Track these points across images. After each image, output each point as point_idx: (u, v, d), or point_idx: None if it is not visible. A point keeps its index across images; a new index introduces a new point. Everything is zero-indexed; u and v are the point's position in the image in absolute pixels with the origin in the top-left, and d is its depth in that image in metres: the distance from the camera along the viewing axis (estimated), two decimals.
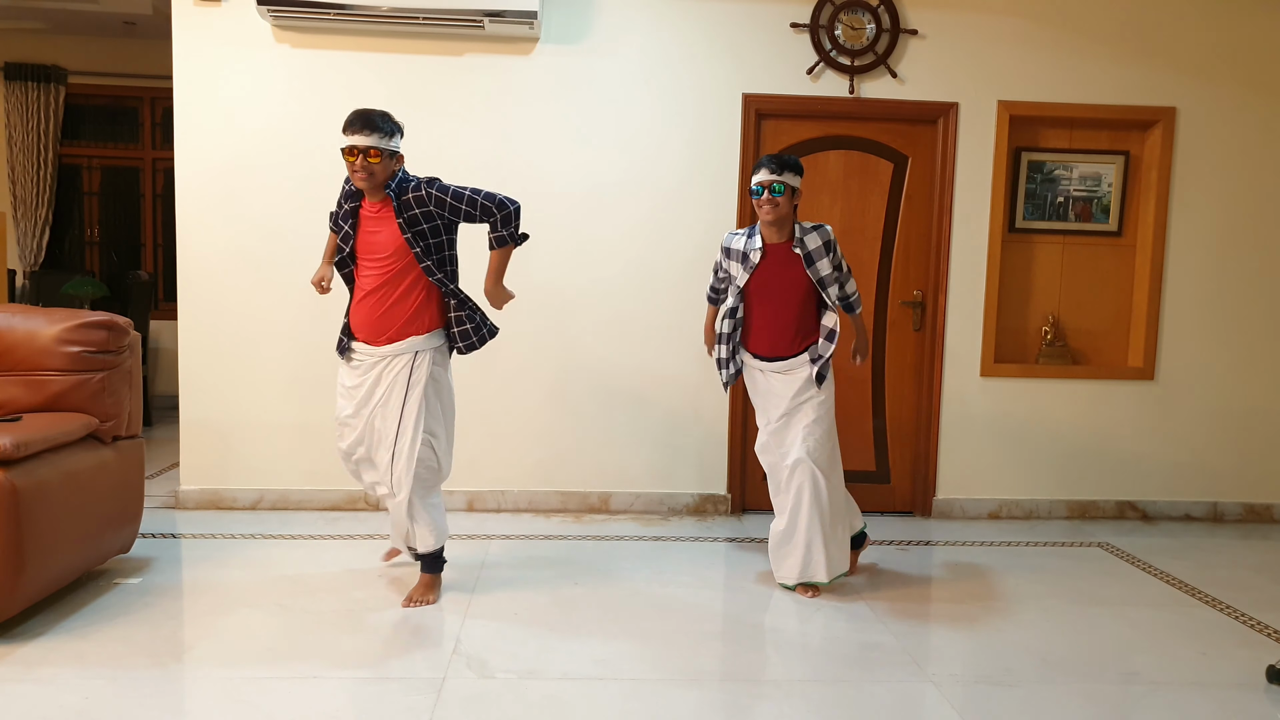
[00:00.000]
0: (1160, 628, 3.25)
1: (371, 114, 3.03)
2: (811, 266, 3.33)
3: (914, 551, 4.12)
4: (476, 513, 4.47)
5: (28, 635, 2.89)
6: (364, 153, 2.99)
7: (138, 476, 3.52)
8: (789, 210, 3.30)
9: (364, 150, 2.98)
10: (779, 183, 3.23)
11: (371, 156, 2.99)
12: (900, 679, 2.78)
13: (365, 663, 2.78)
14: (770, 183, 3.24)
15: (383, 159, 3.01)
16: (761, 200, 3.27)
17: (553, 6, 4.34)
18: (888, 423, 4.69)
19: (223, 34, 4.25)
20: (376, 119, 3.01)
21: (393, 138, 3.04)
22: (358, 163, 3.00)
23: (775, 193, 3.24)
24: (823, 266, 3.32)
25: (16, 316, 3.29)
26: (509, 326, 4.45)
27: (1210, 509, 4.75)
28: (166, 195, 6.92)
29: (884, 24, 4.43)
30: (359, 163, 3.00)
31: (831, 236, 3.36)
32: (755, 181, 3.28)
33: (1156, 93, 4.55)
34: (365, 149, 2.98)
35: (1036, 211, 4.70)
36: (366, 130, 2.98)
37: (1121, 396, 4.67)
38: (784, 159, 3.28)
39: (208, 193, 4.32)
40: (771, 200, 3.26)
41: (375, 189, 3.07)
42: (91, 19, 6.32)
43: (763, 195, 3.26)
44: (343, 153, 3.02)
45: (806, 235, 3.33)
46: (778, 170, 3.25)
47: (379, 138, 2.99)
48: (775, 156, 3.29)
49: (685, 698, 2.62)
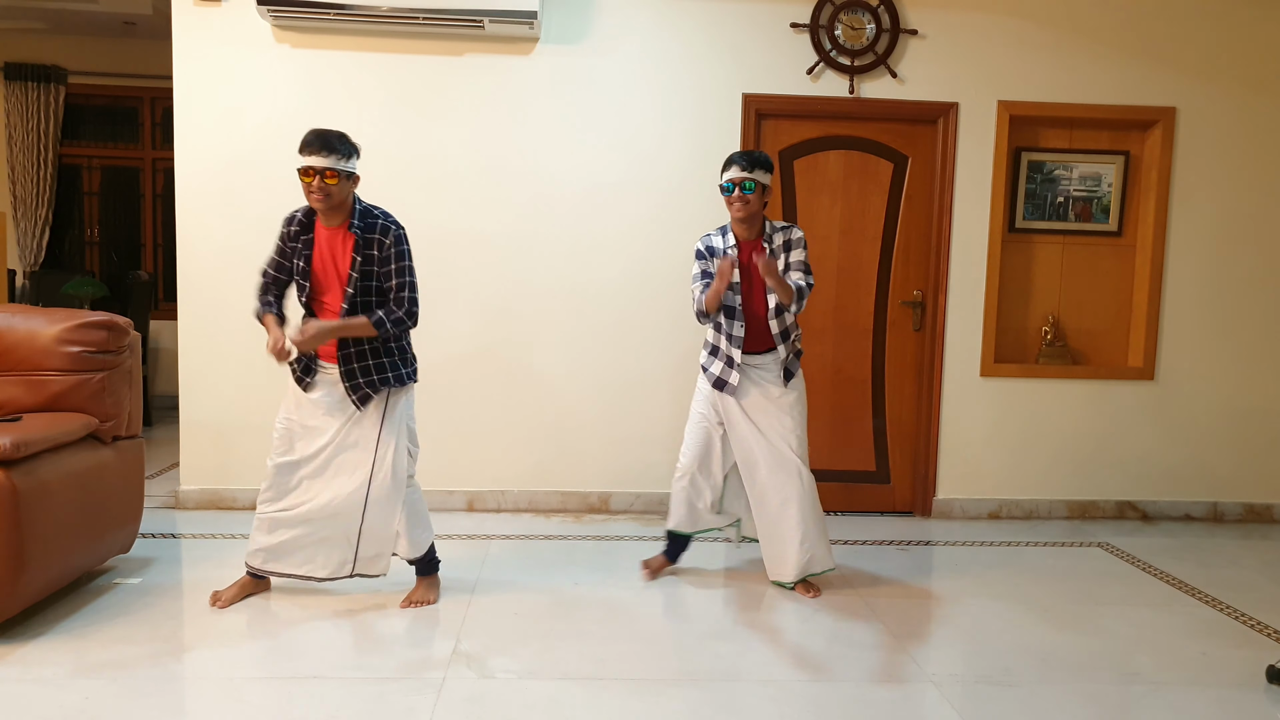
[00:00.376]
0: (1160, 628, 3.25)
1: (329, 135, 2.98)
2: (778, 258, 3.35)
3: (914, 551, 4.12)
4: (476, 513, 4.47)
5: (28, 635, 2.89)
6: (320, 174, 2.94)
7: (138, 476, 3.52)
8: (759, 207, 3.30)
9: (320, 171, 2.94)
10: (750, 180, 3.23)
11: (329, 178, 2.95)
12: (900, 679, 2.78)
13: (365, 663, 2.78)
14: (741, 180, 3.24)
15: (340, 180, 2.97)
16: (733, 197, 3.27)
17: (553, 6, 4.34)
18: (888, 423, 4.69)
19: (223, 34, 4.25)
20: (334, 140, 2.97)
21: (350, 159, 3.00)
22: (314, 183, 2.95)
23: (746, 190, 3.24)
24: (781, 262, 3.34)
25: (16, 316, 3.29)
26: (511, 325, 4.46)
27: (1210, 509, 4.75)
28: (166, 195, 6.92)
29: (884, 24, 4.43)
30: (315, 183, 2.95)
31: (799, 236, 3.37)
32: (726, 179, 3.28)
33: (1156, 93, 4.55)
34: (322, 170, 2.94)
35: (1036, 211, 4.70)
36: (324, 151, 2.94)
37: (1121, 396, 4.67)
38: (755, 156, 3.27)
39: (208, 192, 4.32)
40: (743, 197, 3.25)
41: (332, 211, 3.02)
42: (91, 19, 6.32)
43: (734, 192, 3.26)
44: (299, 173, 2.97)
45: (775, 233, 3.37)
46: (749, 167, 3.24)
47: (336, 159, 2.95)
48: (746, 153, 3.28)
49: (685, 698, 2.62)
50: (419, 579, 3.32)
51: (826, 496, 4.69)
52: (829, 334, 4.62)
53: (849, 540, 4.24)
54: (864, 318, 4.64)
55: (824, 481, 4.67)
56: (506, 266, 4.42)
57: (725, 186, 3.28)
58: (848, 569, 3.81)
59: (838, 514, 4.68)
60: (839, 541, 4.20)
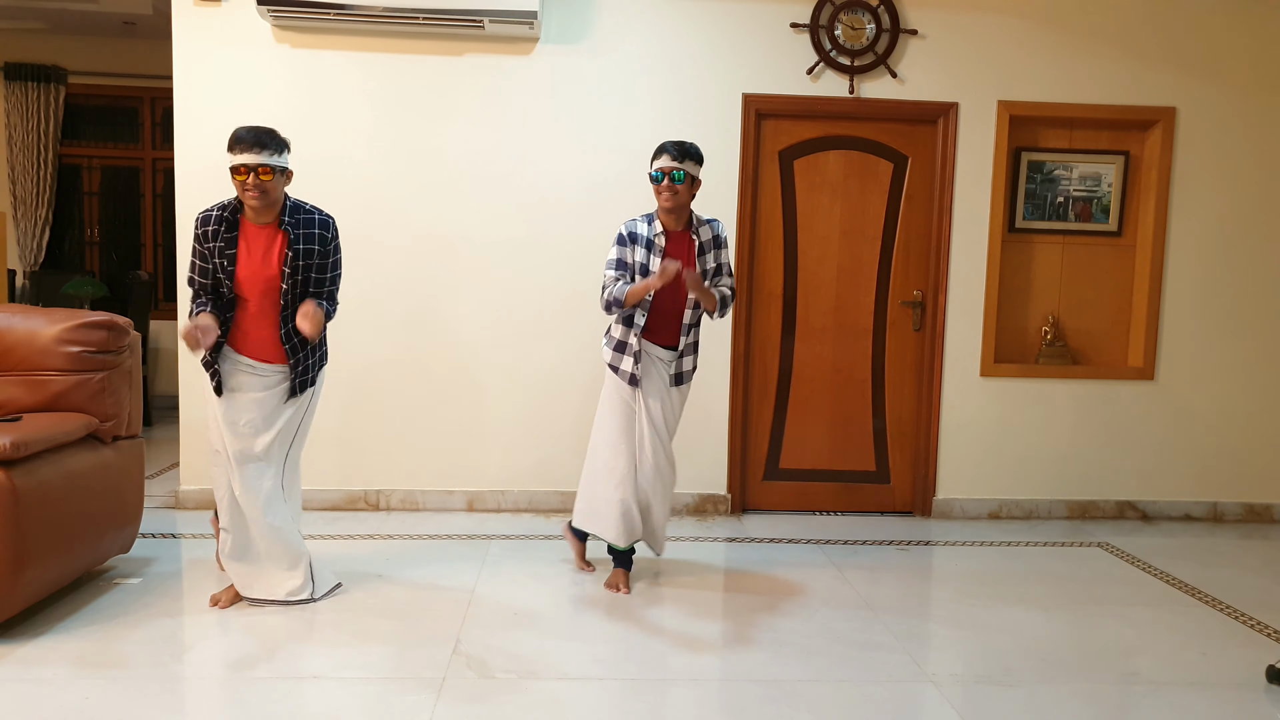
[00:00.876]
0: (1160, 628, 3.25)
1: (259, 131, 2.97)
2: (702, 256, 3.35)
3: (914, 551, 4.12)
4: (476, 513, 4.47)
5: (28, 635, 2.89)
6: (254, 170, 2.93)
7: (138, 476, 3.52)
8: (688, 198, 3.29)
9: (254, 168, 2.92)
10: (679, 169, 3.21)
11: (263, 174, 2.93)
12: (900, 679, 2.78)
13: (365, 663, 2.78)
14: (671, 169, 3.21)
15: (275, 176, 2.97)
16: (661, 186, 3.24)
17: (553, 6, 4.34)
18: (888, 423, 4.69)
19: (223, 34, 4.25)
20: (264, 136, 2.96)
21: (282, 154, 3.00)
22: (249, 181, 2.93)
23: (676, 180, 3.22)
24: (710, 259, 3.36)
25: (16, 316, 3.29)
26: (510, 325, 4.46)
27: (1210, 509, 4.75)
28: (166, 195, 6.92)
29: (884, 24, 4.43)
30: (250, 181, 2.93)
31: (723, 232, 3.40)
32: (656, 168, 3.25)
33: (1156, 93, 4.55)
34: (255, 167, 2.92)
35: (1036, 211, 4.70)
36: (256, 148, 2.92)
37: (1121, 396, 4.67)
38: (685, 146, 3.25)
39: (208, 193, 4.31)
40: (672, 187, 3.23)
41: (266, 208, 3.01)
42: (91, 19, 6.32)
43: (663, 181, 3.23)
44: (231, 172, 2.95)
45: (702, 226, 3.37)
46: (679, 157, 3.22)
47: (269, 154, 2.94)
48: (677, 143, 3.26)
49: (685, 697, 2.62)
50: None
51: (827, 496, 4.71)
52: (829, 334, 4.62)
53: (849, 540, 4.23)
54: (864, 318, 4.64)
55: (824, 481, 4.70)
56: (506, 266, 4.42)
57: (654, 175, 3.25)
58: (848, 569, 3.81)
59: (838, 514, 4.68)
60: (839, 541, 4.20)
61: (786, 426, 4.66)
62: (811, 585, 3.59)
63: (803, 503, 4.70)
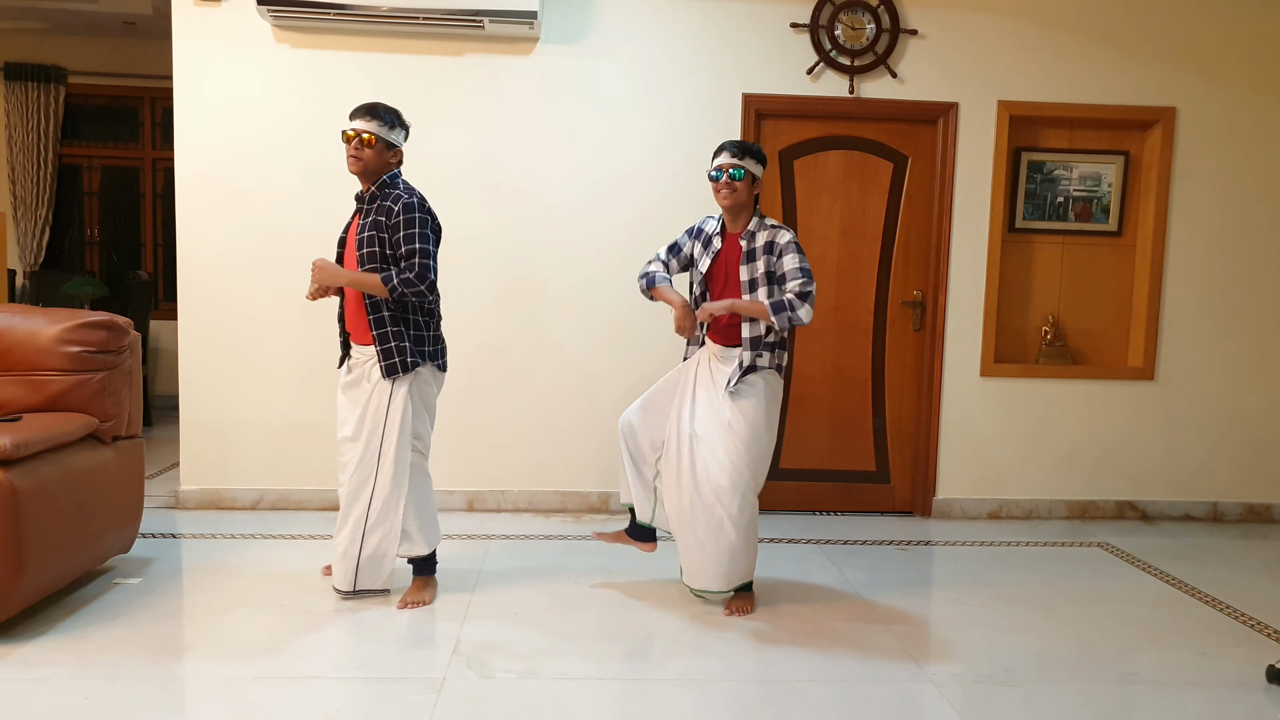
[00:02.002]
0: (1160, 628, 3.25)
1: (377, 105, 3.10)
2: (749, 264, 3.19)
3: (914, 551, 4.12)
4: (476, 513, 4.47)
5: (28, 635, 2.89)
6: (359, 136, 3.04)
7: (138, 476, 3.52)
8: (748, 197, 3.19)
9: (359, 134, 3.04)
10: (739, 167, 3.14)
11: (367, 141, 3.04)
12: (900, 679, 2.78)
13: (365, 663, 2.78)
14: (729, 166, 3.15)
15: (377, 147, 3.06)
16: (720, 184, 3.17)
17: (553, 6, 4.34)
18: (888, 423, 4.69)
19: (223, 34, 4.25)
20: (380, 109, 3.09)
21: (393, 130, 3.10)
22: (351, 146, 3.05)
23: (735, 177, 3.14)
24: (761, 265, 3.17)
25: (16, 316, 3.29)
26: (511, 326, 4.46)
27: (1210, 509, 4.75)
28: (166, 195, 6.92)
29: (884, 24, 4.43)
30: (352, 146, 3.05)
31: (788, 240, 3.17)
32: (715, 165, 3.19)
33: (1156, 93, 4.55)
34: (360, 132, 3.03)
35: (1036, 211, 4.70)
36: (367, 117, 3.06)
37: (1121, 396, 4.67)
38: (747, 145, 3.19)
39: (208, 193, 4.32)
40: (730, 184, 3.15)
41: (366, 176, 3.12)
42: (91, 19, 6.31)
43: (721, 179, 3.17)
44: (343, 137, 3.07)
45: (761, 230, 3.21)
46: (739, 155, 3.16)
47: (378, 124, 3.06)
48: (738, 142, 3.20)
49: (685, 697, 2.62)
50: (416, 578, 3.33)
51: (827, 496, 4.71)
52: (829, 334, 4.62)
53: (849, 540, 4.23)
54: (864, 318, 4.64)
55: (824, 481, 4.70)
56: (505, 267, 4.42)
57: (713, 174, 3.20)
58: (848, 569, 3.81)
59: (838, 514, 4.68)
60: (839, 541, 4.20)
61: (786, 426, 4.65)
62: (811, 585, 3.59)
63: (803, 503, 4.70)
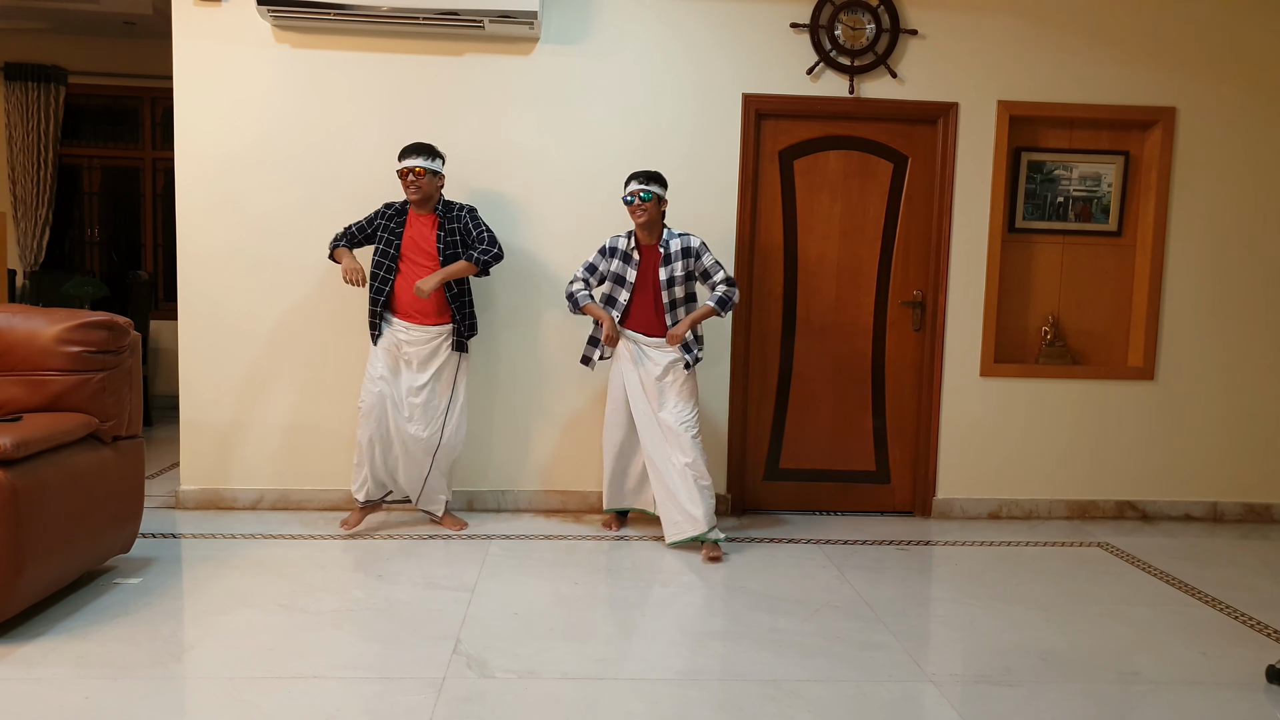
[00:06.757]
0: (1160, 628, 3.26)
1: (422, 144, 3.93)
2: (668, 265, 3.92)
3: (914, 551, 4.13)
4: (476, 513, 4.47)
5: (28, 635, 2.89)
6: (412, 170, 3.87)
7: (138, 476, 3.52)
8: (657, 214, 3.91)
9: (413, 169, 3.87)
10: (646, 190, 3.84)
11: (419, 174, 3.88)
12: (900, 679, 2.78)
13: (365, 663, 2.78)
14: (639, 190, 3.84)
15: (428, 176, 3.90)
16: (634, 207, 3.86)
17: (553, 7, 4.34)
18: (887, 423, 4.69)
19: (223, 34, 4.25)
20: (427, 147, 3.92)
21: (435, 160, 3.92)
22: (409, 179, 3.88)
23: (644, 199, 3.85)
24: (679, 266, 3.91)
25: (16, 316, 3.29)
26: (512, 326, 4.46)
27: (1210, 509, 4.75)
28: (166, 195, 6.92)
29: (884, 24, 4.43)
30: (410, 179, 3.88)
31: (695, 243, 3.94)
32: (628, 192, 3.87)
33: (1156, 93, 4.55)
34: (414, 168, 3.87)
35: (1036, 211, 4.70)
36: (419, 155, 3.88)
37: (1121, 396, 4.67)
38: (651, 173, 3.89)
39: (208, 193, 4.32)
40: (643, 205, 3.85)
41: (424, 202, 3.94)
42: (91, 19, 6.31)
43: (634, 202, 3.86)
44: (400, 174, 3.89)
45: (672, 239, 3.94)
46: (646, 181, 3.86)
47: (426, 159, 3.89)
48: (644, 171, 3.90)
49: (685, 697, 2.62)
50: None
51: (827, 496, 4.71)
52: (829, 334, 4.62)
53: (849, 540, 4.24)
54: (864, 317, 4.64)
55: (824, 481, 4.70)
56: (505, 266, 4.42)
57: (627, 199, 3.88)
58: (848, 569, 3.81)
59: (838, 514, 4.68)
60: (839, 541, 4.21)
61: (786, 426, 4.66)
62: (811, 585, 3.59)
63: (803, 503, 4.70)
